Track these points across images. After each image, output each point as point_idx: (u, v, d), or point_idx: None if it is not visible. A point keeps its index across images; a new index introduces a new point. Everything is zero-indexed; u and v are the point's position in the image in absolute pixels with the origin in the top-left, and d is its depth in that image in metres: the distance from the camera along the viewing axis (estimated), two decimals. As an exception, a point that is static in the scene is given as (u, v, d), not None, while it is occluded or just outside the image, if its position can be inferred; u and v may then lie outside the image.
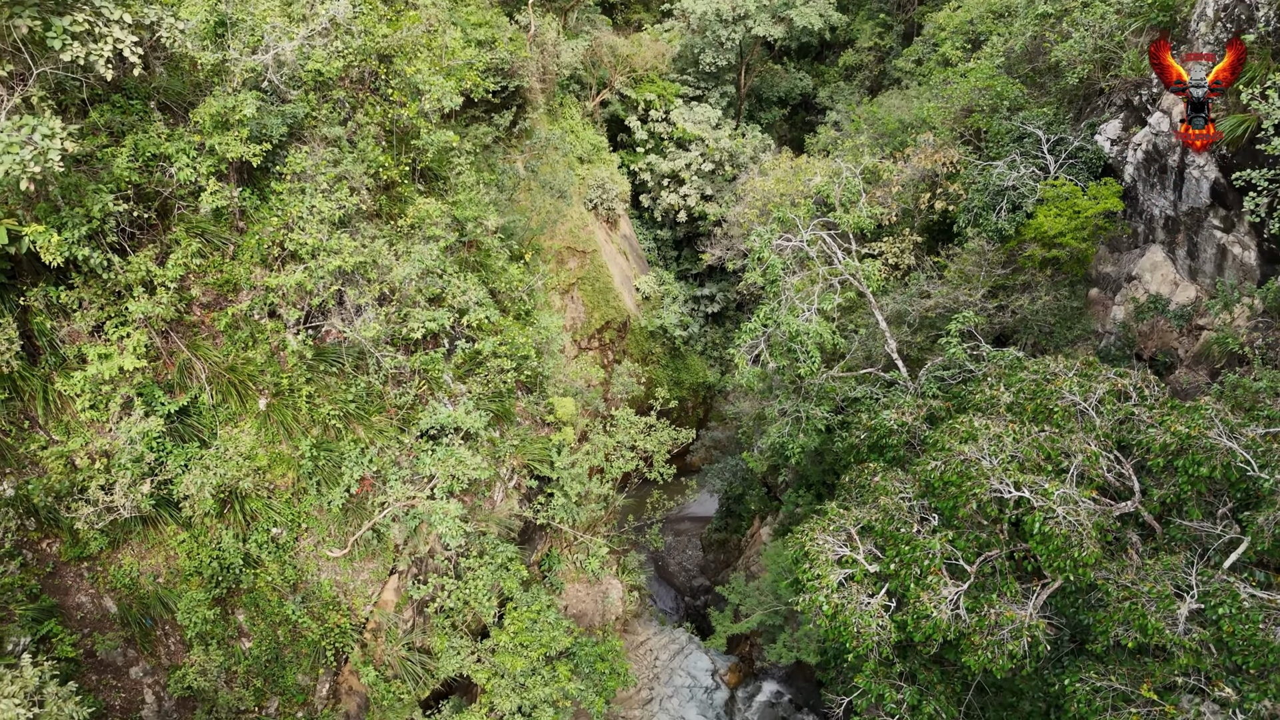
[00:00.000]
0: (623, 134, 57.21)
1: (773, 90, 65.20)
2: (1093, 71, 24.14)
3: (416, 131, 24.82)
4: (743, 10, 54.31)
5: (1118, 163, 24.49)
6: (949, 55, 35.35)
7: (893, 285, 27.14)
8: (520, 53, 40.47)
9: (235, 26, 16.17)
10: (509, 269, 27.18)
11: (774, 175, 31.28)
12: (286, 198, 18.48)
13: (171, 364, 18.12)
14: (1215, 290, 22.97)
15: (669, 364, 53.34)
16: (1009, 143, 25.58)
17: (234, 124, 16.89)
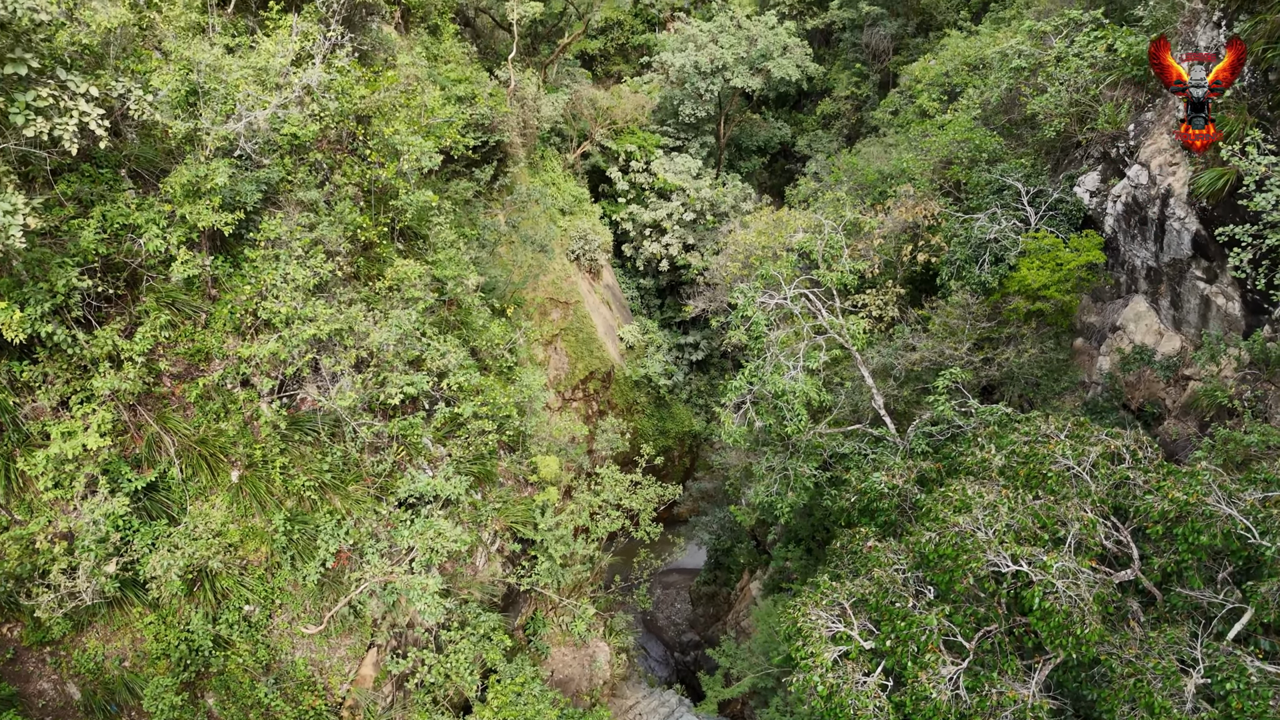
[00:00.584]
0: (604, 184, 57.46)
1: (752, 139, 65.87)
2: (1069, 125, 24.31)
3: (395, 191, 24.63)
4: (721, 63, 55.00)
5: (1098, 214, 24.55)
6: (926, 107, 35.72)
7: (877, 338, 26.95)
8: (500, 108, 40.63)
9: (207, 95, 15.91)
10: (490, 327, 26.83)
11: (755, 227, 31.25)
12: (260, 264, 18.10)
13: (139, 438, 17.53)
14: (1200, 341, 22.88)
15: (654, 413, 52.89)
16: (989, 195, 25.64)
17: (206, 193, 16.56)
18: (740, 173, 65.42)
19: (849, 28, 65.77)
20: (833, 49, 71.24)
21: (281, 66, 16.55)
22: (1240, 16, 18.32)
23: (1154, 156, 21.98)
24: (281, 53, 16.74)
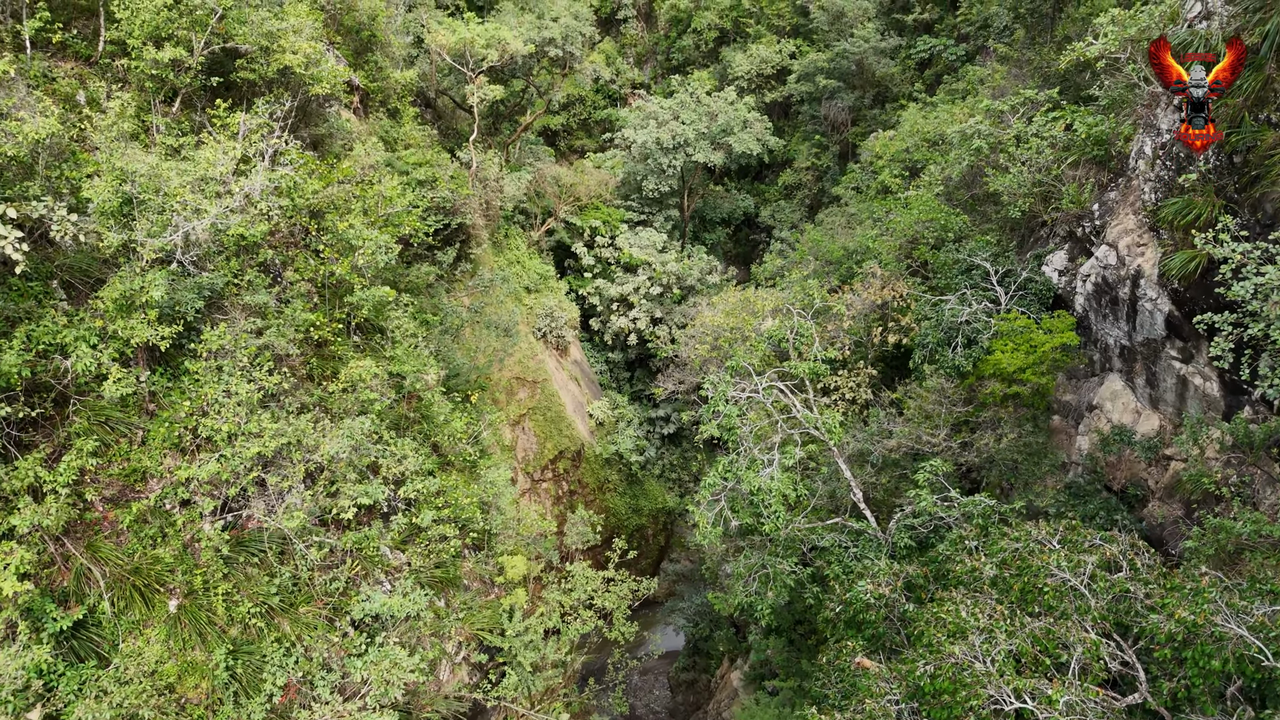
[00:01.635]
0: (570, 260, 57.14)
1: (716, 211, 66.27)
2: (1034, 204, 24.24)
3: (351, 287, 23.78)
4: (683, 139, 55.42)
5: (1067, 293, 24.31)
6: (888, 183, 35.86)
7: (851, 421, 26.29)
8: (462, 190, 40.23)
9: (143, 205, 15.04)
10: (452, 421, 25.77)
11: (723, 308, 30.80)
12: (202, 377, 17.02)
13: (66, 571, 16.14)
14: (1180, 420, 22.45)
15: (626, 491, 51.66)
16: (957, 275, 25.37)
17: (141, 306, 15.56)
18: (705, 244, 65.61)
19: (807, 100, 66.97)
20: (792, 121, 72.45)
21: (222, 174, 15.75)
22: (1200, 102, 18.37)
23: (1121, 237, 21.83)
24: (221, 160, 15.95)
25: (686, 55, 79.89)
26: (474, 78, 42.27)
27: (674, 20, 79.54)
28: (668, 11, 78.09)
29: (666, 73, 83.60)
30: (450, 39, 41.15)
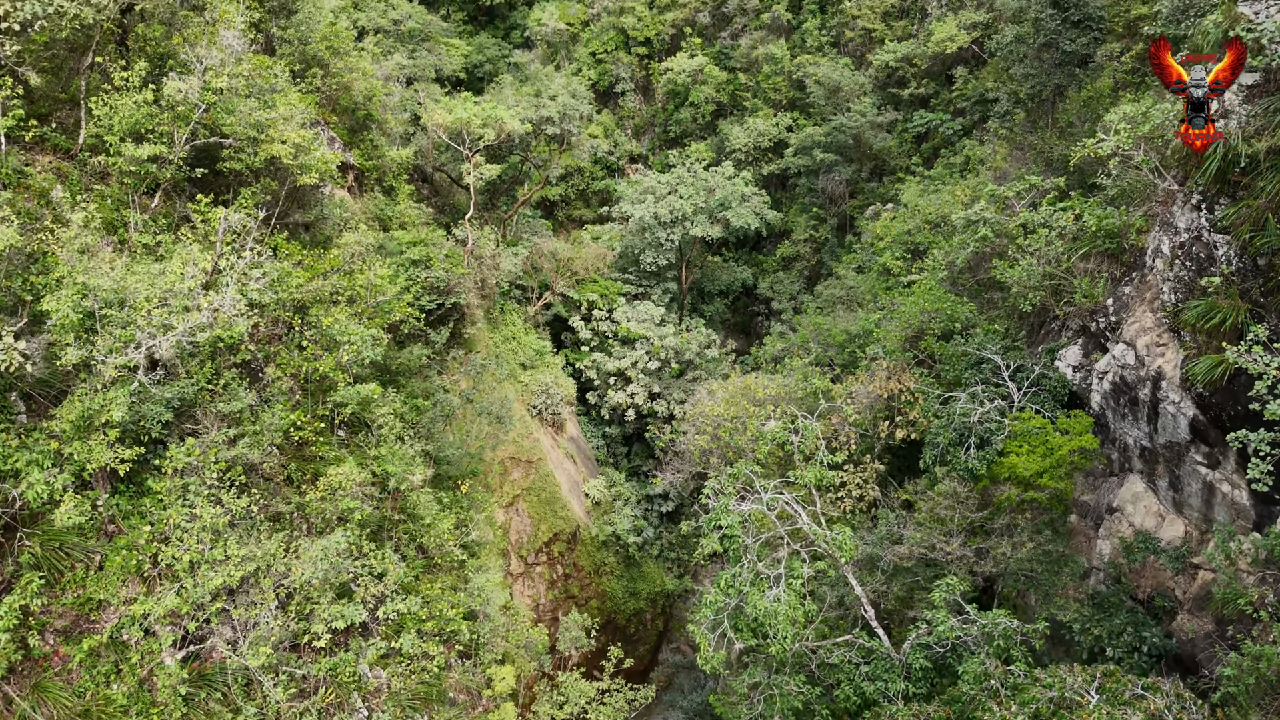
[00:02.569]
0: (567, 332, 56.39)
1: (714, 283, 65.79)
2: (1045, 298, 23.43)
3: (335, 384, 22.77)
4: (680, 213, 55.15)
5: (1083, 390, 23.31)
6: (890, 264, 35.23)
7: (858, 520, 25.03)
8: (457, 269, 39.55)
9: (106, 320, 14.09)
10: (439, 522, 24.50)
11: (722, 395, 29.81)
12: (166, 498, 15.85)
13: (9, 716, 14.74)
14: (1206, 526, 21.23)
15: (624, 574, 49.93)
16: (966, 368, 24.42)
17: (101, 426, 14.48)
18: (704, 316, 65.00)
19: (804, 173, 67.06)
20: (789, 192, 72.55)
21: (190, 288, 14.84)
22: (1221, 201, 17.63)
23: (1139, 336, 20.92)
24: (191, 272, 15.05)
25: (684, 128, 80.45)
26: (470, 156, 41.98)
27: (671, 93, 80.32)
28: (665, 85, 78.89)
29: (664, 144, 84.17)
30: (447, 118, 40.97)
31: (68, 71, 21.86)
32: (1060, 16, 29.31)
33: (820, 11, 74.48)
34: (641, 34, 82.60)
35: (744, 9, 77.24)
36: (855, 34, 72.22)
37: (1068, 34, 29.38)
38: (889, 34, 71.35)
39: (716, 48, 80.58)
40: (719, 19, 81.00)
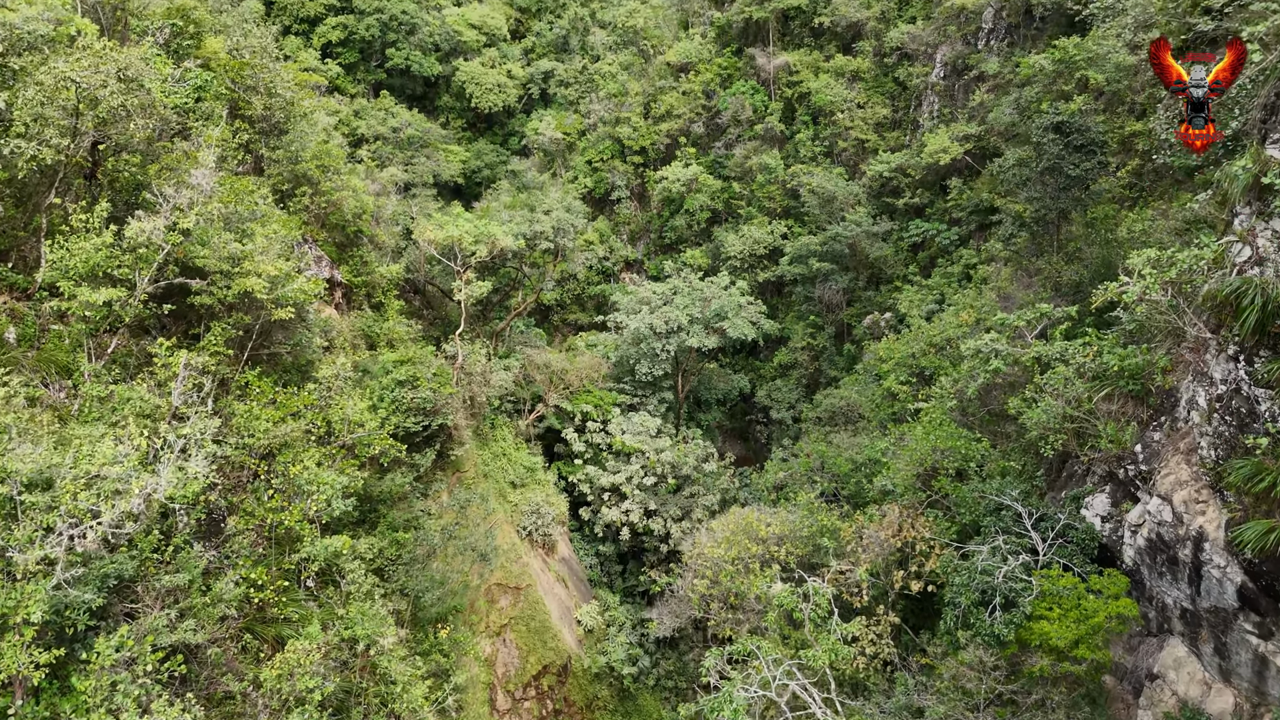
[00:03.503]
0: (560, 444, 54.66)
1: (711, 392, 64.44)
2: (1067, 441, 21.93)
3: (301, 537, 20.97)
4: (676, 323, 54.22)
5: (1114, 542, 21.53)
6: (895, 389, 33.90)
7: (873, 680, 22.82)
8: (445, 389, 38.12)
9: (26, 506, 12.43)
10: (412, 689, 22.26)
11: (722, 533, 27.96)
12: (90, 699, 13.86)
13: None
14: (1259, 699, 19.14)
15: (618, 708, 46.80)
16: (984, 515, 22.69)
17: (16, 626, 12.64)
18: (701, 425, 63.38)
19: (801, 281, 66.62)
20: (786, 298, 72.04)
21: (121, 471, 13.24)
22: (1262, 353, 16.34)
23: (1175, 490, 19.29)
24: (125, 451, 13.48)
25: (680, 234, 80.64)
26: (462, 273, 41.12)
27: (666, 200, 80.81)
28: (660, 193, 79.41)
29: (660, 250, 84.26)
30: (438, 235, 40.29)
31: (31, 206, 20.84)
32: (1063, 141, 28.83)
33: (813, 122, 75.57)
34: (637, 143, 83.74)
35: (738, 120, 78.42)
36: (848, 144, 73.05)
37: (1071, 158, 28.84)
38: (882, 144, 72.15)
39: (711, 157, 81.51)
40: (713, 129, 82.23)
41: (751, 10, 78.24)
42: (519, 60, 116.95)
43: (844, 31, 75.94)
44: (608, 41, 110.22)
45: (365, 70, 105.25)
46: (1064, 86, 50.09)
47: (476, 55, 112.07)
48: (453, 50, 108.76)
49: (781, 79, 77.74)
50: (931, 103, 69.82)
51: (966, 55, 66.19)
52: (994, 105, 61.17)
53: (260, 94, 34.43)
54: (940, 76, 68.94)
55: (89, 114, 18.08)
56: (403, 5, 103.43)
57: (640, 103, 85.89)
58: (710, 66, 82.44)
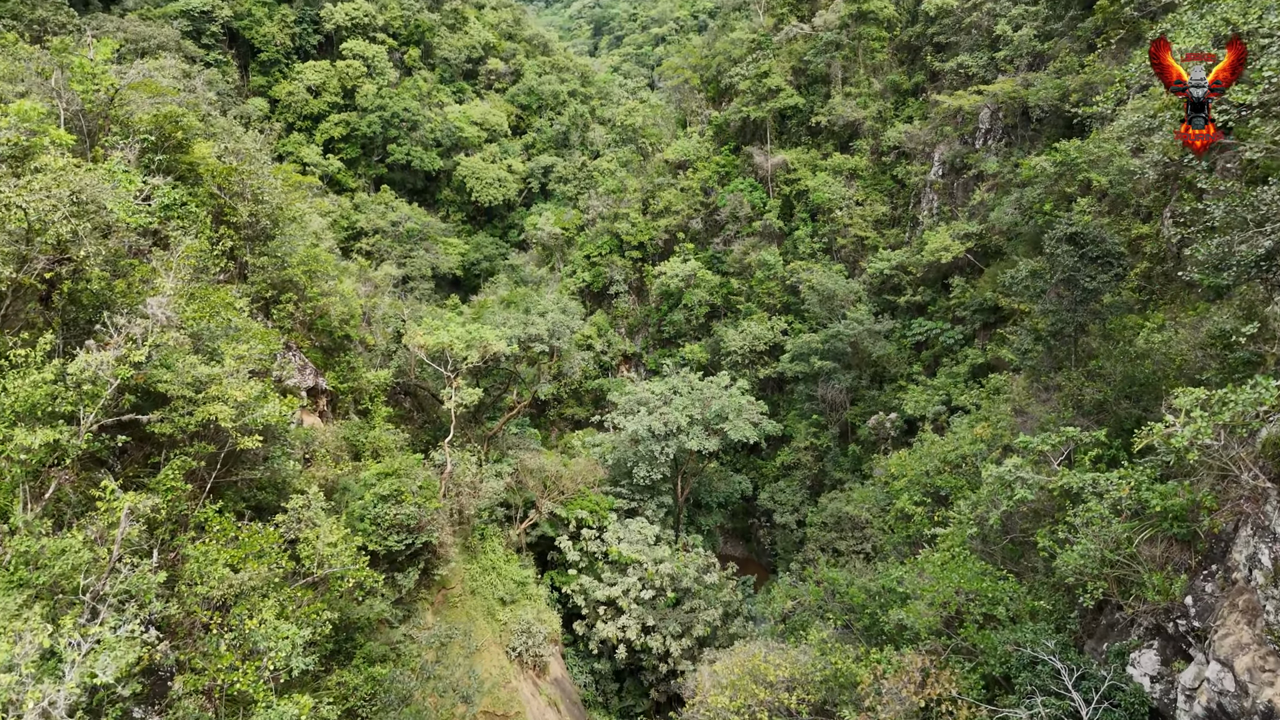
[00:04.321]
0: (553, 552, 52.13)
1: (712, 494, 62.15)
2: (1107, 588, 19.87)
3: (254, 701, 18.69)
4: (675, 425, 52.41)
5: (1165, 706, 19.20)
6: (908, 509, 31.89)
7: None
8: (431, 503, 36.02)
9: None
10: None
11: (727, 676, 25.53)
12: None
13: None
14: None
15: None
16: (1018, 669, 20.42)
17: None
18: (701, 530, 60.89)
19: (802, 379, 65.14)
20: (787, 396, 70.48)
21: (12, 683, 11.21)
22: (1331, 512, 14.60)
23: (1236, 654, 17.14)
24: (19, 654, 11.49)
25: (678, 328, 79.65)
26: (452, 379, 39.53)
27: (665, 295, 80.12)
28: (659, 287, 78.76)
29: (658, 344, 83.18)
30: (429, 340, 38.88)
31: (-23, 333, 19.29)
32: (1077, 253, 27.66)
33: (811, 219, 75.42)
34: (635, 239, 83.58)
35: (736, 216, 78.35)
36: (847, 241, 72.71)
37: (1086, 270, 27.62)
38: (881, 241, 71.82)
39: (709, 252, 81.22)
40: (711, 225, 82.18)
41: (749, 110, 79.08)
42: (519, 155, 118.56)
43: (841, 130, 76.56)
44: (607, 139, 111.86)
45: (366, 165, 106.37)
46: (1067, 188, 49.66)
47: (478, 150, 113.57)
48: (454, 146, 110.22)
49: (779, 176, 78.01)
50: (930, 200, 69.74)
51: (965, 154, 66.36)
52: (995, 204, 60.89)
53: (247, 200, 33.49)
54: (939, 175, 69.03)
55: (38, 240, 16.74)
56: (405, 103, 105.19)
57: (639, 199, 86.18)
58: (708, 164, 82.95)
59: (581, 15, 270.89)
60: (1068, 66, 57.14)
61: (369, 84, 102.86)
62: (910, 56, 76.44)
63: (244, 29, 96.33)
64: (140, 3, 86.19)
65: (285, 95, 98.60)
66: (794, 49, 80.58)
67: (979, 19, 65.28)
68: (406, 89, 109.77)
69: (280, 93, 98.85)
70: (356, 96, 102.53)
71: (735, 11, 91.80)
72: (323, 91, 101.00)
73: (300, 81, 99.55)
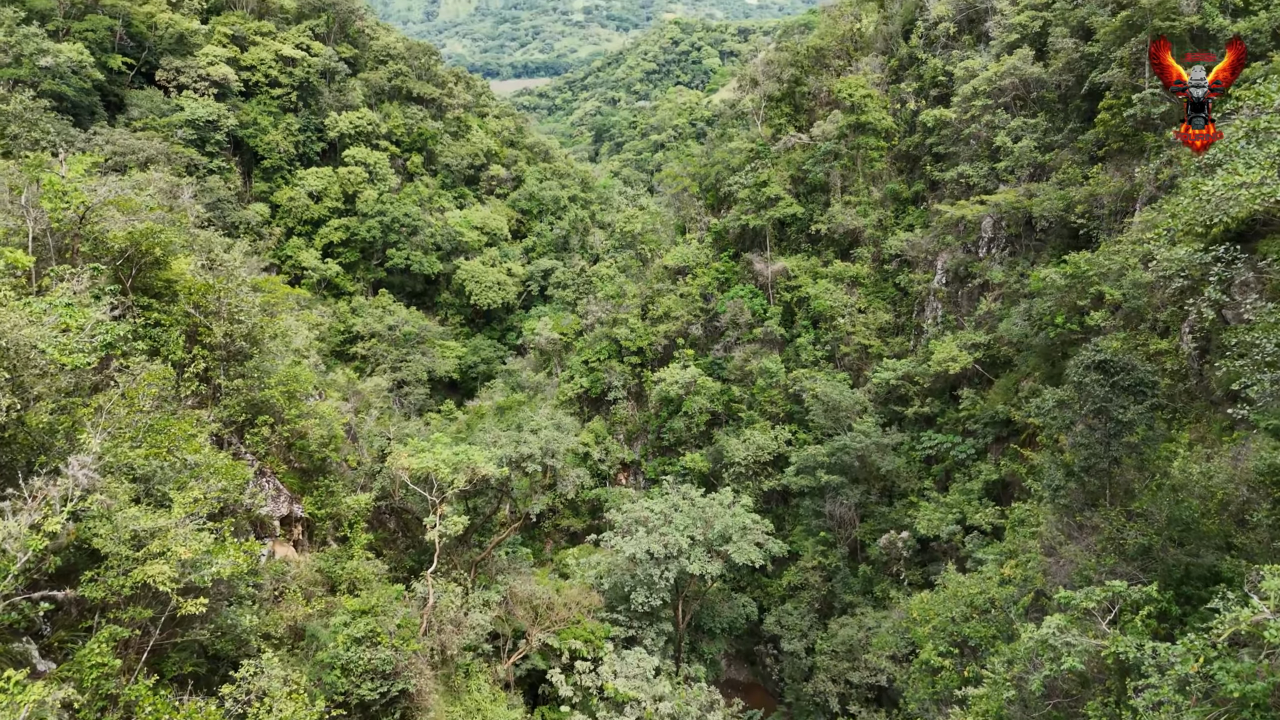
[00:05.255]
0: (545, 685, 48.35)
1: (715, 620, 58.48)
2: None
3: None
4: (675, 547, 49.48)
5: None
6: (933, 660, 28.91)
7: None
8: (409, 645, 32.98)
9: None
10: None
11: None
12: None
13: None
14: None
15: None
16: None
17: None
18: (704, 658, 56.97)
19: (808, 494, 62.36)
20: (793, 510, 67.49)
21: None
22: None
23: None
24: None
25: (678, 436, 77.26)
26: (437, 505, 36.99)
27: (664, 401, 78.04)
28: (658, 394, 76.77)
29: (658, 452, 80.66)
30: (413, 463, 36.53)
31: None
32: (1107, 382, 25.67)
33: (813, 326, 74.08)
34: (634, 344, 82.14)
35: (736, 323, 77.10)
36: (851, 349, 71.15)
37: (1118, 400, 25.59)
38: (885, 350, 70.25)
39: (710, 358, 79.61)
40: (711, 331, 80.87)
41: (748, 218, 78.84)
42: (520, 259, 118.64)
43: (841, 238, 76.07)
44: (607, 244, 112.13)
45: (365, 269, 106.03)
46: (1079, 300, 48.23)
47: (478, 254, 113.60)
48: (454, 249, 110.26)
49: (780, 283, 77.11)
50: (935, 308, 68.50)
51: (968, 263, 65.44)
52: (1002, 314, 59.48)
53: (223, 319, 31.75)
54: (942, 283, 68.00)
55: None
56: (406, 208, 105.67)
57: (638, 304, 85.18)
58: (708, 270, 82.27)
59: (583, 123, 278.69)
60: (1070, 178, 56.67)
61: (370, 190, 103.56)
62: (909, 165, 76.63)
63: (248, 137, 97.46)
64: (146, 112, 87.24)
65: (286, 201, 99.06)
66: (792, 158, 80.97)
67: (978, 130, 65.42)
68: (408, 194, 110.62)
69: (281, 198, 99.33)
70: (357, 202, 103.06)
71: (735, 121, 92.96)
72: (324, 197, 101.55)
73: (302, 187, 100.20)
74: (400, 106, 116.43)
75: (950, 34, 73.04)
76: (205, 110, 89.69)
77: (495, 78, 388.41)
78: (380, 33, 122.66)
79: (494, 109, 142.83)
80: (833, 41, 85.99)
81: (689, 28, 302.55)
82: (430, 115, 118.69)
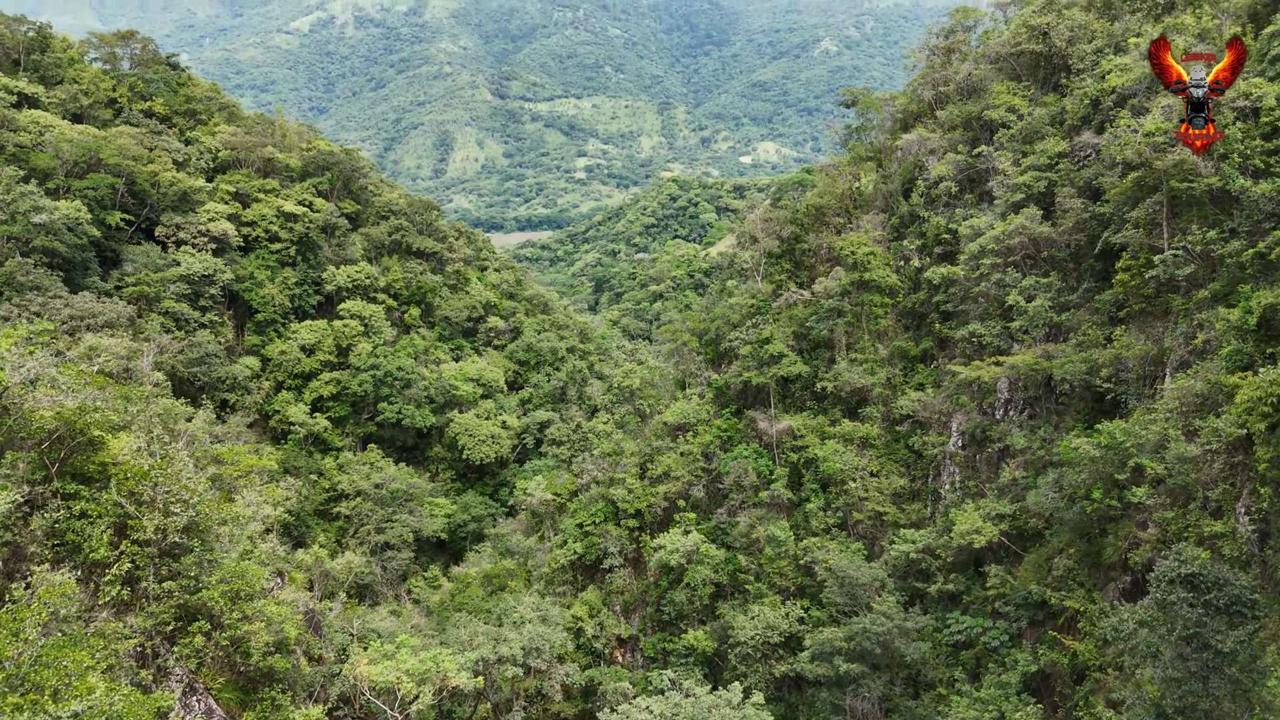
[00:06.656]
0: None
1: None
2: None
3: None
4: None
5: None
6: None
7: None
8: None
9: None
10: None
11: None
12: None
13: None
14: None
15: None
16: None
17: None
18: None
19: (826, 684, 56.00)
20: (808, 700, 60.71)
21: None
22: None
23: None
24: None
25: (680, 609, 71.12)
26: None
27: (665, 569, 72.37)
28: (657, 562, 71.23)
29: (658, 626, 74.19)
30: (373, 671, 31.41)
31: None
32: (1199, 600, 21.31)
33: (823, 490, 69.54)
34: (632, 506, 77.23)
35: (740, 485, 72.58)
36: (864, 515, 66.37)
37: (1213, 624, 21.15)
38: (901, 517, 65.50)
39: (712, 523, 74.52)
40: (714, 494, 76.18)
41: (750, 375, 75.87)
42: (515, 410, 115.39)
43: (848, 396, 72.75)
44: (604, 398, 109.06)
45: (355, 423, 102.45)
46: (1116, 474, 44.19)
47: (472, 407, 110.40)
48: (448, 402, 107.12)
49: (785, 443, 73.15)
50: (952, 473, 64.28)
51: (985, 425, 61.76)
52: (1027, 483, 55.25)
53: (158, 509, 27.66)
54: (959, 446, 64.09)
55: None
56: (399, 361, 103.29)
57: (636, 463, 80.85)
58: (709, 428, 78.49)
59: (584, 273, 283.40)
60: (1091, 340, 53.86)
61: (365, 343, 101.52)
62: (915, 322, 74.37)
63: (244, 291, 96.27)
64: (140, 267, 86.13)
65: (277, 354, 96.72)
66: (794, 314, 78.89)
67: (987, 289, 63.35)
68: (403, 346, 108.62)
69: (273, 351, 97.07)
70: (350, 355, 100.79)
71: (735, 275, 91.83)
72: (316, 350, 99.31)
73: (294, 340, 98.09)
74: (400, 260, 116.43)
75: (952, 193, 72.45)
76: (201, 265, 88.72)
77: (500, 230, 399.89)
78: (384, 189, 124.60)
79: (494, 262, 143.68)
80: (832, 200, 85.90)
81: (686, 185, 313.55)
82: (430, 269, 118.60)
